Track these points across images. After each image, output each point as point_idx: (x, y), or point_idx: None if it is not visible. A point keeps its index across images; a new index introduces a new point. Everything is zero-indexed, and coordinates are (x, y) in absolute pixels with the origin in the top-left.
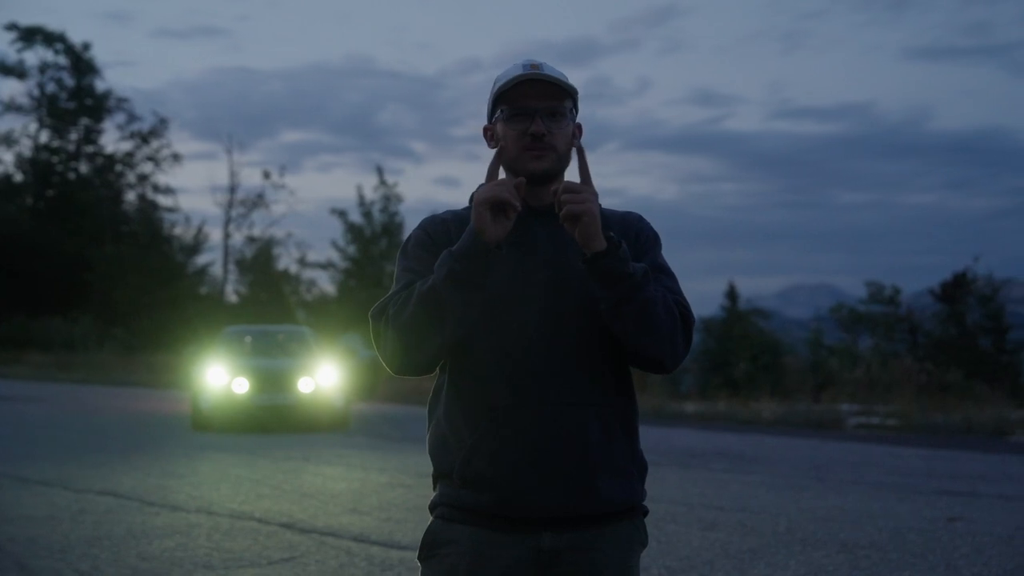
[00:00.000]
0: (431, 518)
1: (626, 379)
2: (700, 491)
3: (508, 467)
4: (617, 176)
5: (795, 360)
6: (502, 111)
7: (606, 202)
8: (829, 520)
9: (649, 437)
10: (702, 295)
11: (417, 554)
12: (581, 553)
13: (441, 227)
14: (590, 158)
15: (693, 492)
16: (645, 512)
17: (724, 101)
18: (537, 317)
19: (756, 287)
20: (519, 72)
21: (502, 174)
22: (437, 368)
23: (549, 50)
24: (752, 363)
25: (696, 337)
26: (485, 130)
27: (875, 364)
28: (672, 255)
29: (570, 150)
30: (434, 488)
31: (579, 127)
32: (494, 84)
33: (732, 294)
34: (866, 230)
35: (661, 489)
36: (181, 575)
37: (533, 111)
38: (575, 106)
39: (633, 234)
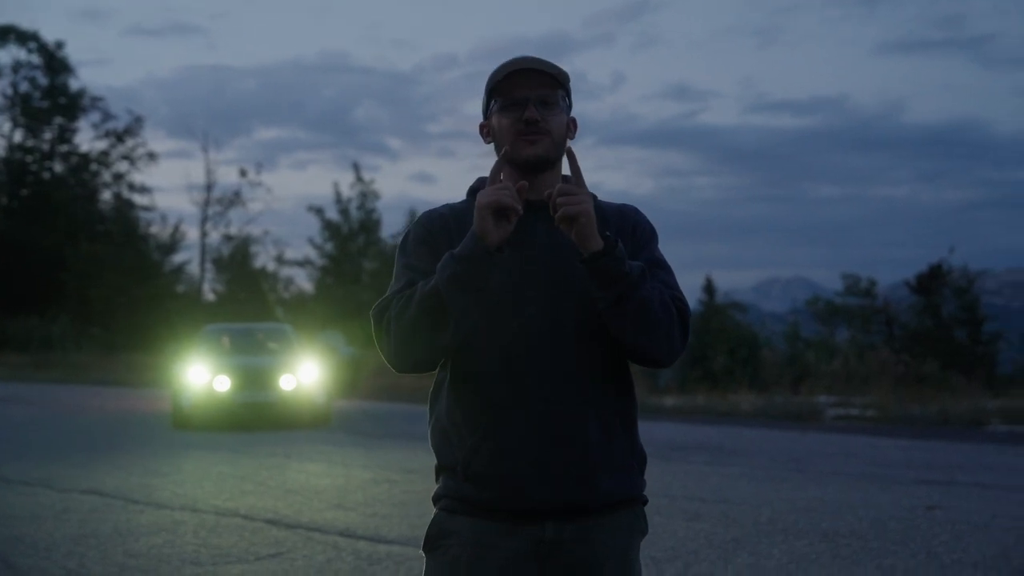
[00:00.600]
0: (435, 510)
1: (625, 376)
2: (682, 483)
3: (509, 466)
4: (593, 171)
5: (773, 353)
6: (496, 103)
7: None
8: (810, 510)
9: None
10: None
11: (422, 546)
12: (582, 543)
13: (439, 222)
14: None
15: (675, 484)
16: (645, 501)
17: (699, 96)
18: (537, 316)
19: (732, 281)
20: (509, 64)
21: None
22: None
23: (524, 45)
24: (730, 356)
25: None
26: (481, 127)
27: (852, 356)
28: None
29: (565, 139)
30: (437, 480)
31: (574, 121)
32: (488, 81)
33: (709, 288)
34: (841, 223)
35: None
36: (169, 571)
37: (525, 99)
38: (568, 97)
39: (630, 228)
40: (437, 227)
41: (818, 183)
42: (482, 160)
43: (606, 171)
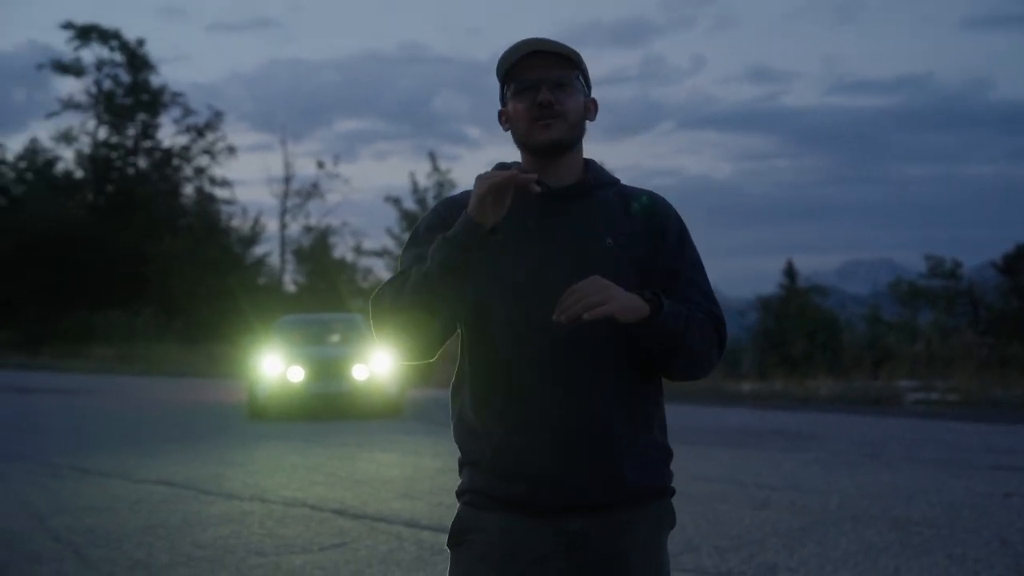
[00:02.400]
0: (459, 504)
1: (649, 366)
2: (753, 470)
3: (535, 459)
4: (672, 156)
5: (853, 336)
6: (510, 88)
7: (661, 184)
8: (882, 497)
9: (703, 417)
10: (757, 274)
11: (447, 541)
12: (610, 536)
13: (455, 209)
14: (646, 138)
15: (746, 471)
16: (672, 493)
17: (779, 77)
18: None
19: (815, 264)
20: (521, 47)
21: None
22: (455, 353)
23: (600, 31)
24: (809, 341)
25: (753, 316)
26: (500, 114)
27: (935, 339)
28: (729, 233)
29: (583, 120)
30: (460, 474)
31: (593, 102)
32: (499, 67)
33: (790, 272)
34: (926, 203)
35: (714, 469)
36: (234, 562)
37: (539, 82)
38: (586, 79)
39: (660, 221)
40: (451, 214)
41: (902, 163)
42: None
43: (685, 155)
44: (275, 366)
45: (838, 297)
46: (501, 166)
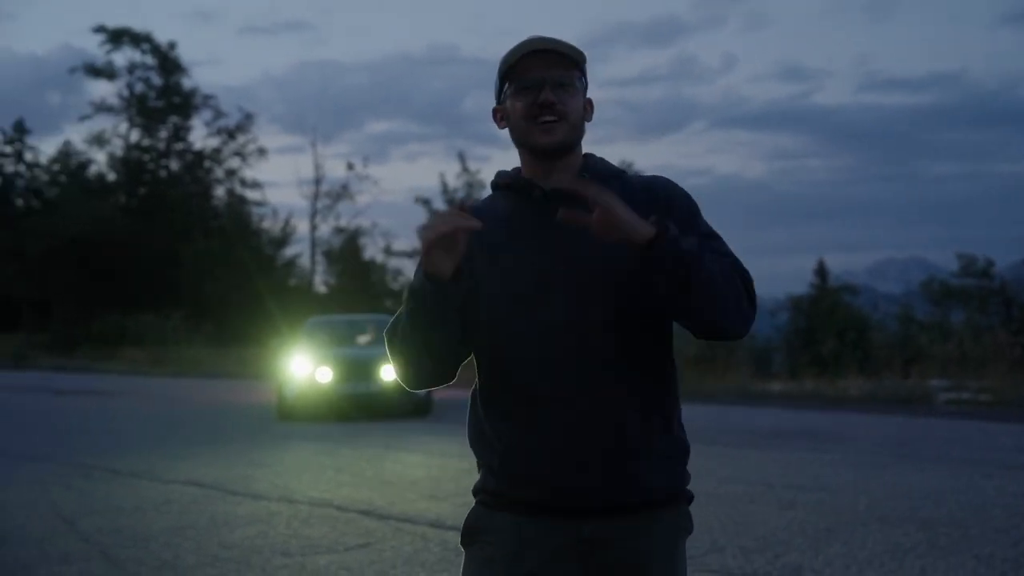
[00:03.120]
0: (474, 502)
1: (664, 365)
2: (781, 470)
3: (547, 462)
4: (704, 155)
5: (884, 336)
6: (510, 87)
7: (693, 183)
8: (909, 497)
9: (733, 418)
10: (789, 273)
11: (460, 539)
12: (625, 542)
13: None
14: (677, 138)
15: (774, 472)
16: (690, 499)
17: (811, 75)
18: (565, 308)
19: (847, 263)
20: (523, 45)
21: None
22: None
23: (631, 30)
24: (839, 340)
25: (784, 315)
26: (494, 111)
27: (967, 338)
28: (760, 233)
29: (583, 121)
30: (479, 472)
31: (590, 102)
32: (500, 64)
33: (822, 271)
34: (959, 201)
35: (741, 470)
36: (260, 562)
37: (541, 81)
38: (585, 78)
39: (663, 202)
40: None
41: (935, 161)
42: (596, 147)
43: (717, 154)
44: (304, 367)
45: (869, 296)
46: (502, 175)
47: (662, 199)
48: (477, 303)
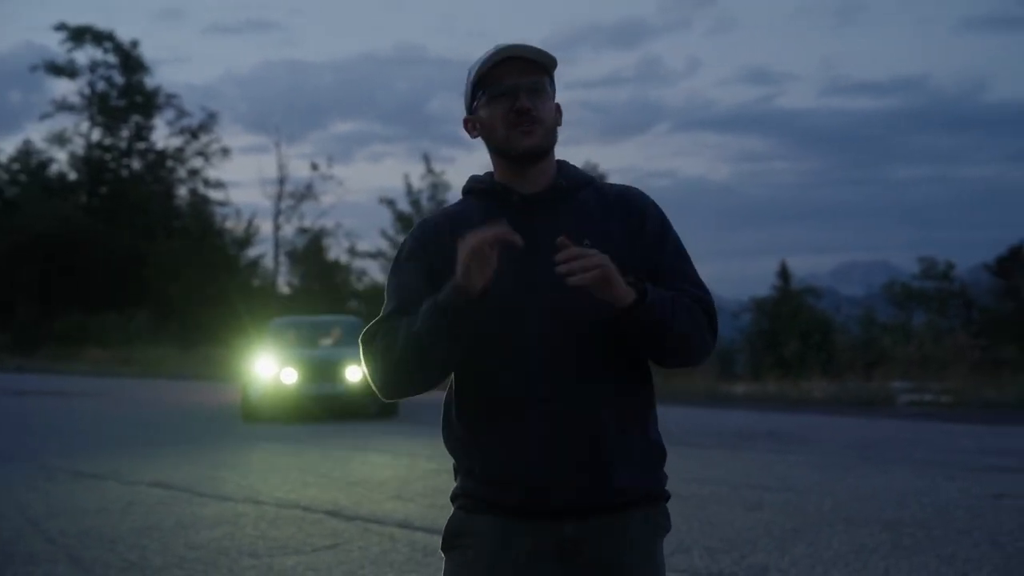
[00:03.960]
0: (453, 508)
1: (639, 369)
2: (746, 471)
3: (525, 465)
4: (668, 158)
5: (846, 338)
6: (483, 94)
7: (657, 185)
8: (874, 498)
9: (699, 419)
10: (754, 275)
11: (441, 545)
12: (604, 541)
13: (433, 233)
14: (643, 140)
15: (739, 473)
16: (667, 497)
17: (776, 79)
18: (545, 315)
19: (811, 265)
20: (495, 53)
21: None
22: None
23: (598, 33)
24: (802, 342)
25: (747, 317)
26: (465, 122)
27: (928, 340)
28: (726, 235)
29: (555, 127)
30: (455, 478)
31: (558, 106)
32: (469, 72)
33: (784, 273)
34: (924, 205)
35: (707, 470)
36: (227, 563)
37: (516, 88)
38: (553, 83)
39: (637, 218)
40: (430, 237)
41: (900, 165)
42: (560, 149)
43: (682, 157)
44: (268, 368)
45: (832, 299)
46: (477, 180)
47: (636, 213)
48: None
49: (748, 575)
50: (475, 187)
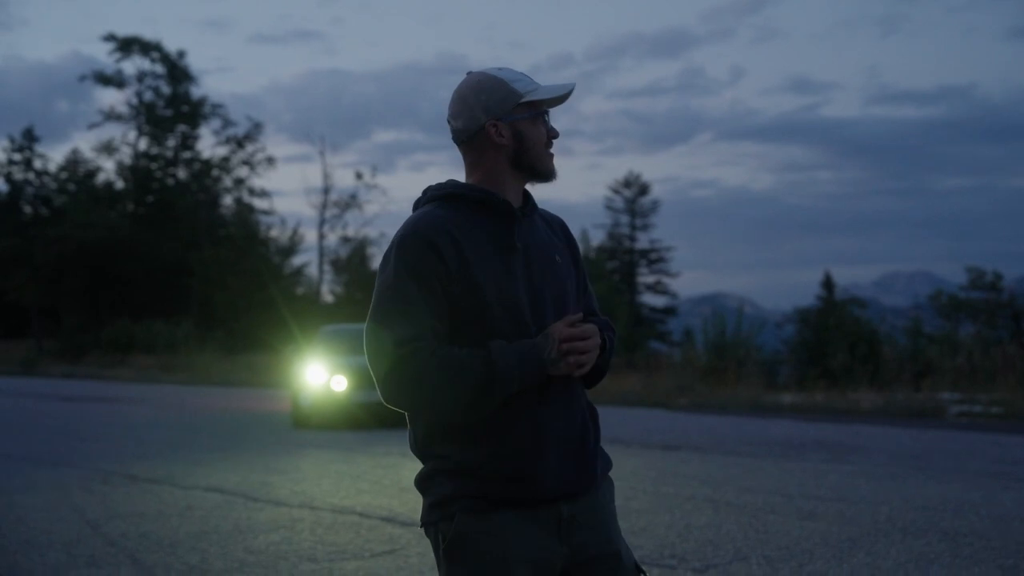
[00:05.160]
0: (451, 512)
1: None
2: (798, 481)
3: (534, 459)
4: (710, 167)
5: (893, 349)
6: (528, 112)
7: (699, 195)
8: (930, 509)
9: (745, 429)
10: (796, 285)
11: (442, 551)
12: (588, 513)
13: (447, 239)
14: (684, 149)
15: (791, 483)
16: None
17: (820, 88)
18: (548, 316)
19: (853, 276)
20: (559, 88)
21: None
22: None
23: (640, 42)
24: (849, 353)
25: (791, 328)
26: (495, 124)
27: (977, 352)
28: (767, 246)
29: None
30: (434, 483)
31: None
32: (509, 83)
33: (828, 284)
34: (968, 215)
35: (758, 480)
36: (287, 568)
37: (546, 114)
38: None
39: (570, 239)
40: (445, 243)
41: (944, 175)
42: (603, 158)
43: (724, 167)
44: (319, 375)
45: (876, 309)
46: (458, 186)
47: (568, 236)
48: (474, 313)
49: None
50: (465, 194)
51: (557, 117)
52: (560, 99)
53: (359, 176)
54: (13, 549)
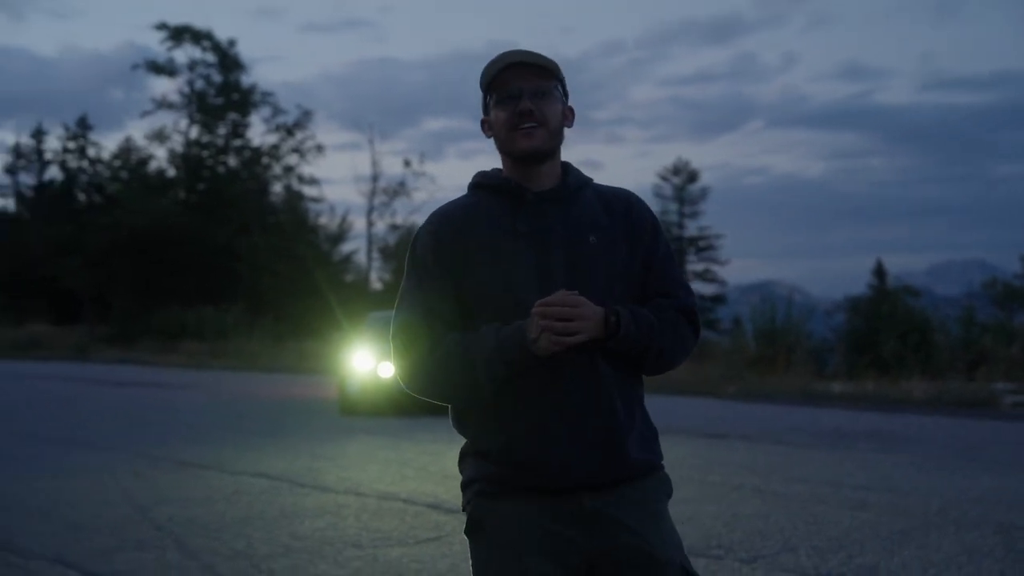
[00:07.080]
0: (470, 494)
1: (632, 363)
2: (848, 471)
3: (549, 449)
4: (761, 155)
5: (946, 338)
6: (492, 98)
7: (750, 183)
8: (983, 501)
9: (794, 418)
10: (847, 273)
11: (464, 530)
12: (617, 508)
13: (450, 228)
14: (734, 137)
15: (841, 472)
16: (663, 468)
17: (872, 74)
18: None
19: (905, 264)
20: (499, 60)
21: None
22: None
23: (692, 28)
24: (901, 342)
25: (841, 316)
26: (482, 123)
27: None
28: (817, 233)
29: (562, 128)
30: (463, 464)
31: (571, 110)
32: (481, 78)
33: (880, 272)
34: (1021, 203)
35: (807, 469)
36: (332, 553)
37: (520, 92)
38: (564, 88)
39: (635, 217)
40: (447, 233)
41: (998, 162)
42: (652, 146)
43: (775, 154)
44: (366, 362)
45: (928, 298)
46: (486, 175)
47: (633, 213)
48: (479, 300)
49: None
50: (484, 182)
51: (607, 105)
52: (500, 75)
53: (407, 164)
54: (63, 532)
